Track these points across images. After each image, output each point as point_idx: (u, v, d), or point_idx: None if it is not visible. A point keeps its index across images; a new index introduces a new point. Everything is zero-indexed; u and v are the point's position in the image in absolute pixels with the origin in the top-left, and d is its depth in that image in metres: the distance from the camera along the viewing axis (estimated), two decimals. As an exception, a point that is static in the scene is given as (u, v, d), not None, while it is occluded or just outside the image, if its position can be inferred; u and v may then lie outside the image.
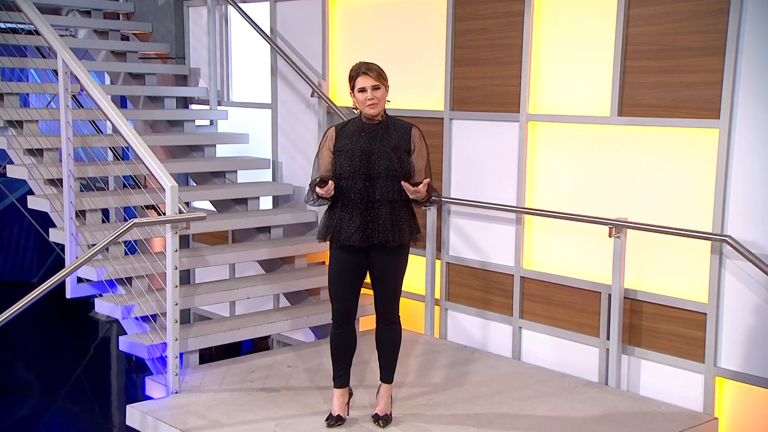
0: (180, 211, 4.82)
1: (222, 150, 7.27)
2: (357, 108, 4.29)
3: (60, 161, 5.53)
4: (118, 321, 5.46)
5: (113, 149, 6.10)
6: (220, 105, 7.48)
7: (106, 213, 6.00)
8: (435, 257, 5.98)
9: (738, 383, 4.65)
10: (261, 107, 7.18)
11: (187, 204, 5.65)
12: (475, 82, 5.71)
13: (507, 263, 5.66)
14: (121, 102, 8.12)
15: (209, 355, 6.19)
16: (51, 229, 5.63)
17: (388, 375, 4.46)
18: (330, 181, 4.15)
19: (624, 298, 5.00)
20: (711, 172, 4.65)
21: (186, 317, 6.99)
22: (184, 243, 6.92)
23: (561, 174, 5.36)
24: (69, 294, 5.43)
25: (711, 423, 4.65)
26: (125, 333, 5.32)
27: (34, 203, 5.75)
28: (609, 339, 5.07)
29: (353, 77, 4.23)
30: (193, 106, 7.68)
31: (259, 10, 7.06)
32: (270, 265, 6.58)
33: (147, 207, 6.14)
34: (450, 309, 6.03)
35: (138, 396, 5.60)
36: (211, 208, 6.92)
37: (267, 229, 6.62)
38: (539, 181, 5.47)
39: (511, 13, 5.45)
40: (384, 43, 6.22)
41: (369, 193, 4.21)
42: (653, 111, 4.87)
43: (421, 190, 4.15)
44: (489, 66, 5.63)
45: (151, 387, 4.96)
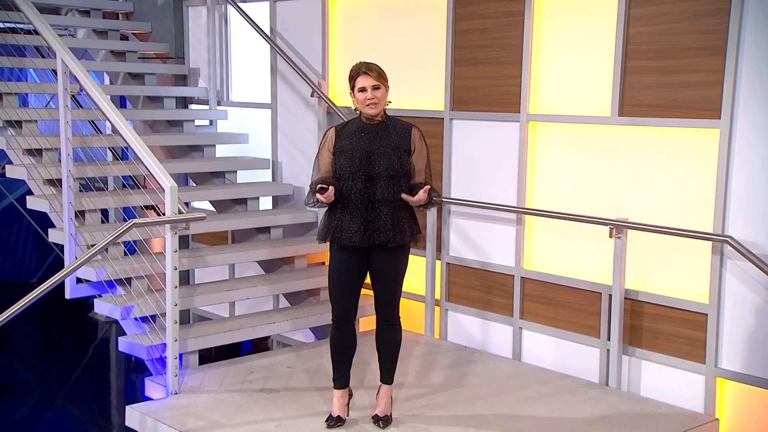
0: (179, 212, 4.81)
1: (222, 150, 7.26)
2: (357, 108, 4.28)
3: (59, 161, 5.52)
4: (117, 321, 5.45)
5: (112, 149, 6.09)
6: (219, 105, 7.47)
7: (105, 213, 5.98)
8: (435, 258, 5.97)
9: (739, 384, 4.64)
10: (261, 107, 7.17)
11: (187, 204, 5.64)
12: (476, 82, 5.70)
13: (507, 264, 5.65)
14: (121, 102, 8.10)
15: (209, 356, 6.17)
16: (50, 230, 5.62)
17: (388, 376, 4.45)
18: (331, 187, 4.14)
19: (624, 298, 4.99)
20: (712, 172, 4.64)
21: (186, 318, 6.99)
22: (183, 243, 6.90)
23: (561, 174, 5.35)
24: (68, 294, 5.42)
25: (712, 424, 4.64)
26: (125, 333, 5.31)
27: (33, 203, 5.74)
28: (609, 340, 5.06)
29: (353, 77, 4.23)
30: (193, 106, 7.67)
31: (259, 9, 7.05)
32: (270, 266, 6.57)
33: (146, 207, 6.13)
34: (450, 309, 6.02)
35: (137, 397, 5.59)
36: (211, 208, 6.91)
37: (267, 230, 6.60)
38: (539, 182, 5.46)
39: (512, 13, 5.45)
40: (384, 43, 6.21)
41: (369, 194, 4.20)
42: (654, 111, 4.86)
43: (422, 197, 4.15)
44: (489, 66, 5.62)
45: (151, 388, 4.95)
